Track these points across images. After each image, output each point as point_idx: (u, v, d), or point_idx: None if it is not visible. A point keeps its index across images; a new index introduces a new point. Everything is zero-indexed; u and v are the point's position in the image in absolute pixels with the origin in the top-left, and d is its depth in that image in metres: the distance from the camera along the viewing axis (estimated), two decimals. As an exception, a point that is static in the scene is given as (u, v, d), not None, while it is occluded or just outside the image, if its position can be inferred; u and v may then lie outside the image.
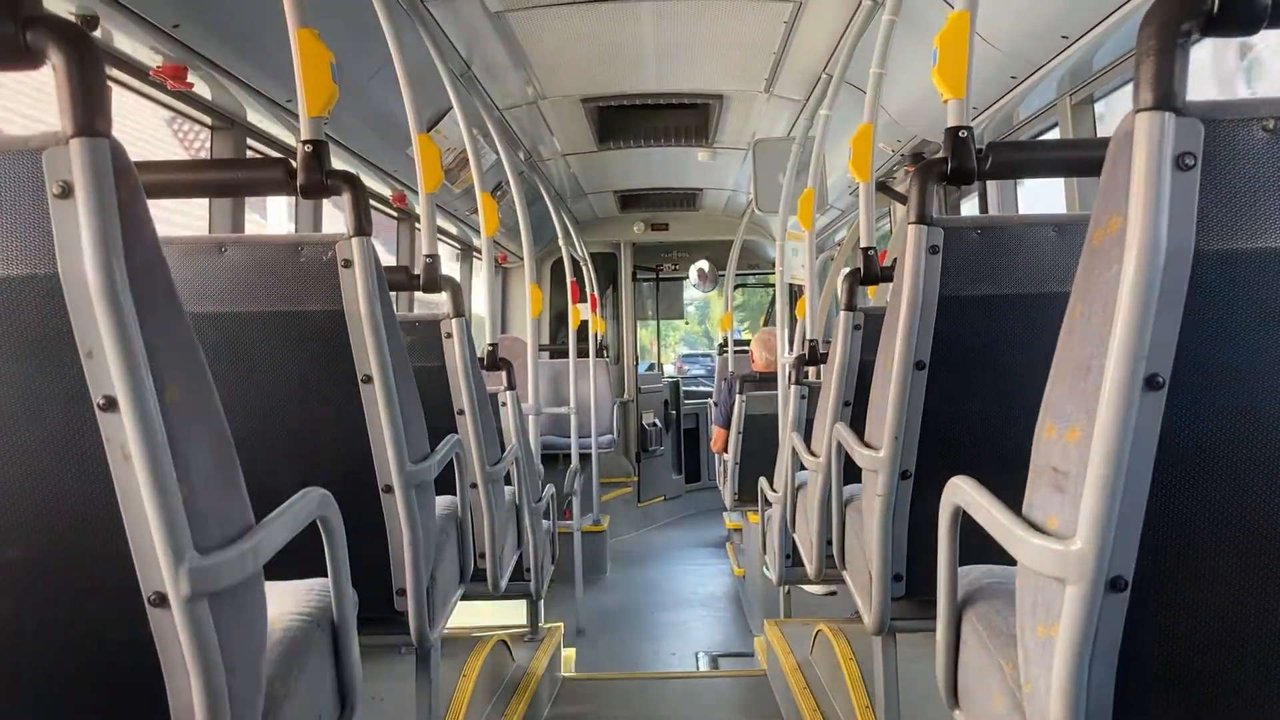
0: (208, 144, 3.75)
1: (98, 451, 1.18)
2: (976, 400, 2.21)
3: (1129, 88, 1.08)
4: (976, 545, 1.57)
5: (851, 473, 2.63)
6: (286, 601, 1.67)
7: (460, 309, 3.02)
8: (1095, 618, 1.19)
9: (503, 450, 3.49)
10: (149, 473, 1.15)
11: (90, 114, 1.11)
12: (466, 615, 4.48)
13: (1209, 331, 1.16)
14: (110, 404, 1.15)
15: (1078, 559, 1.18)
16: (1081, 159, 2.35)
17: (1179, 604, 1.25)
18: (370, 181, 5.10)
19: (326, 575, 1.70)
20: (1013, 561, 1.38)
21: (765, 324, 10.77)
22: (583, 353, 7.90)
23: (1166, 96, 1.10)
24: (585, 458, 7.57)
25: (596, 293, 8.66)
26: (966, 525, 1.56)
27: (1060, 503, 1.24)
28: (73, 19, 2.58)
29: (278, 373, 2.21)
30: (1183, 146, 1.11)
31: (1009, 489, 1.41)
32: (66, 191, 1.11)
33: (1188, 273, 1.12)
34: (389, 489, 2.23)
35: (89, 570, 1.28)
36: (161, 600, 1.21)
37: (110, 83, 3.05)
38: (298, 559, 1.58)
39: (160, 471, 1.16)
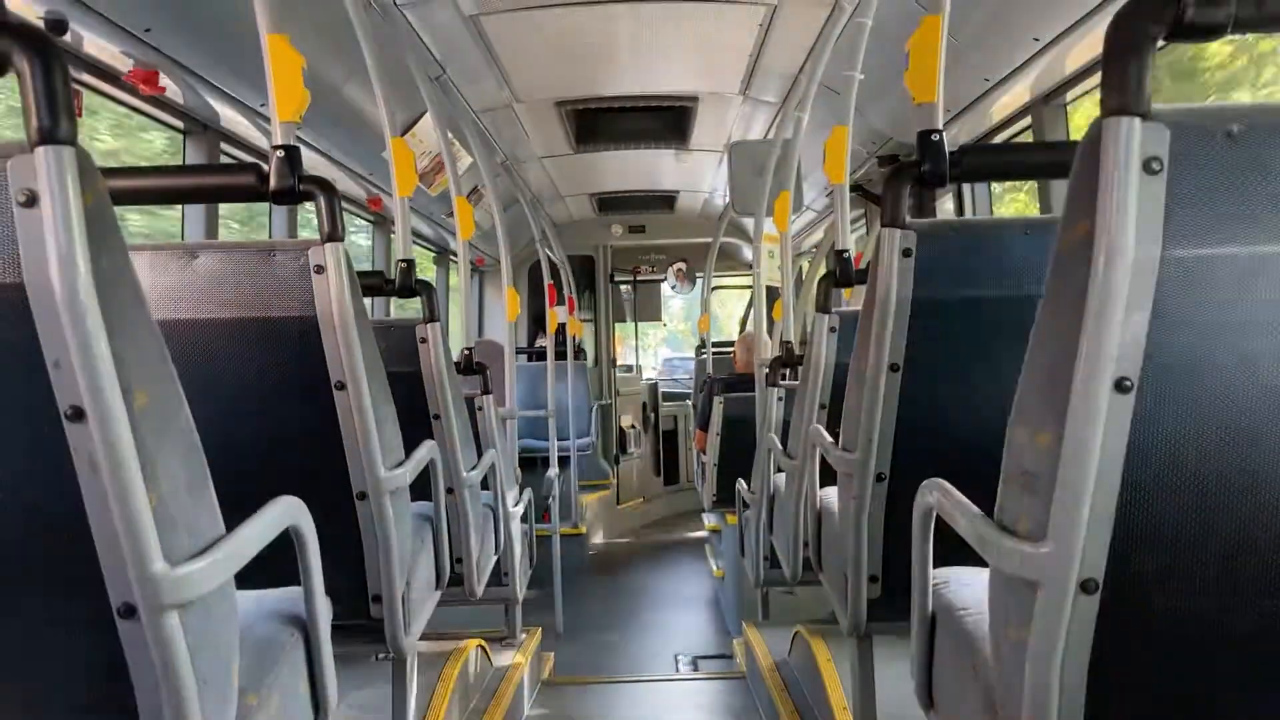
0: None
1: (65, 462, 1.16)
2: (951, 402, 2.22)
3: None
4: (952, 547, 1.57)
5: (828, 474, 2.64)
6: (259, 610, 1.66)
7: (435, 313, 3.01)
8: (1066, 620, 1.20)
9: (480, 455, 3.48)
10: (117, 483, 1.14)
11: (55, 121, 1.10)
12: (445, 621, 4.47)
13: (1176, 334, 1.16)
14: (77, 414, 1.14)
15: (1048, 561, 1.19)
16: (1053, 162, 2.37)
17: (1150, 605, 1.26)
18: (345, 185, 5.08)
19: (300, 583, 1.69)
20: (987, 564, 1.39)
21: (743, 328, 10.79)
22: (561, 355, 7.89)
23: (1133, 101, 1.10)
24: (564, 460, 7.56)
25: (574, 295, 8.65)
26: (942, 528, 1.56)
27: (1031, 505, 1.25)
28: (40, 22, 2.56)
29: (250, 380, 2.20)
30: (1149, 151, 1.11)
31: (983, 491, 1.42)
32: (31, 200, 1.10)
33: (1155, 276, 1.13)
34: (363, 495, 2.22)
35: (57, 581, 1.27)
36: (130, 612, 1.20)
37: (81, 87, 3.03)
38: (271, 567, 1.57)
39: (128, 482, 1.15)
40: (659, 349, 15.67)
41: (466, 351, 3.94)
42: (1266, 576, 1.24)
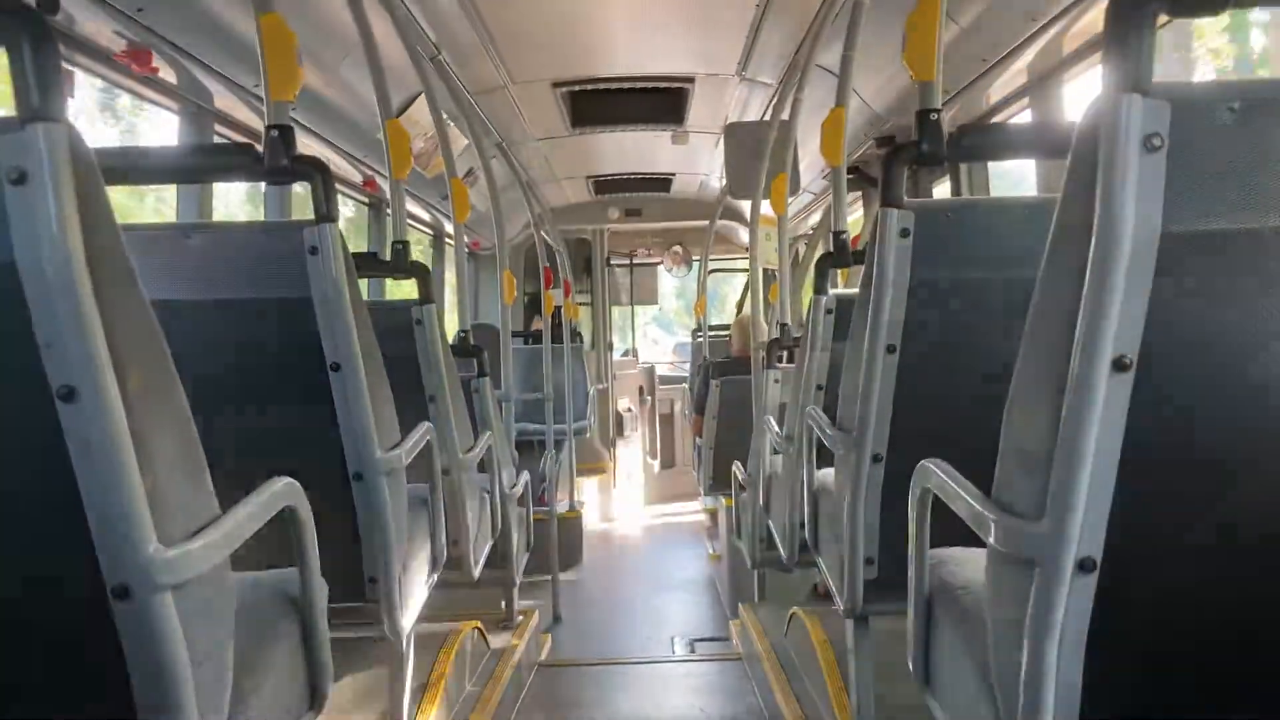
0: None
1: (59, 442, 1.16)
2: (948, 383, 2.21)
3: (1099, 70, 1.09)
4: (949, 528, 1.57)
5: (825, 456, 2.63)
6: (254, 592, 1.66)
7: (430, 295, 3.00)
8: (1064, 599, 1.20)
9: (476, 437, 3.48)
10: (110, 463, 1.14)
11: (45, 98, 1.09)
12: (442, 603, 4.47)
13: (1175, 312, 1.16)
14: (70, 394, 1.13)
15: (1045, 541, 1.19)
16: (1051, 141, 2.36)
17: (1147, 584, 1.25)
18: (341, 167, 5.06)
19: (295, 565, 1.68)
20: (984, 544, 1.38)
21: (740, 311, 10.78)
22: (557, 339, 7.88)
23: (1133, 78, 1.10)
24: (560, 443, 7.56)
25: (570, 278, 8.63)
26: (939, 508, 1.56)
27: (1028, 484, 1.25)
28: (31, 1, 2.54)
29: (244, 361, 2.19)
30: (1150, 128, 1.10)
31: (980, 471, 1.42)
32: (21, 178, 1.09)
33: (1154, 254, 1.12)
34: (359, 476, 2.21)
35: (52, 562, 1.27)
36: (125, 592, 1.19)
37: (74, 67, 3.00)
38: (267, 548, 1.57)
39: (122, 462, 1.14)
40: (647, 327, 15.42)
41: (463, 334, 3.93)
42: (1265, 554, 1.24)
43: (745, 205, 6.80)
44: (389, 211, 3.37)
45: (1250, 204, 1.16)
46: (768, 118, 5.70)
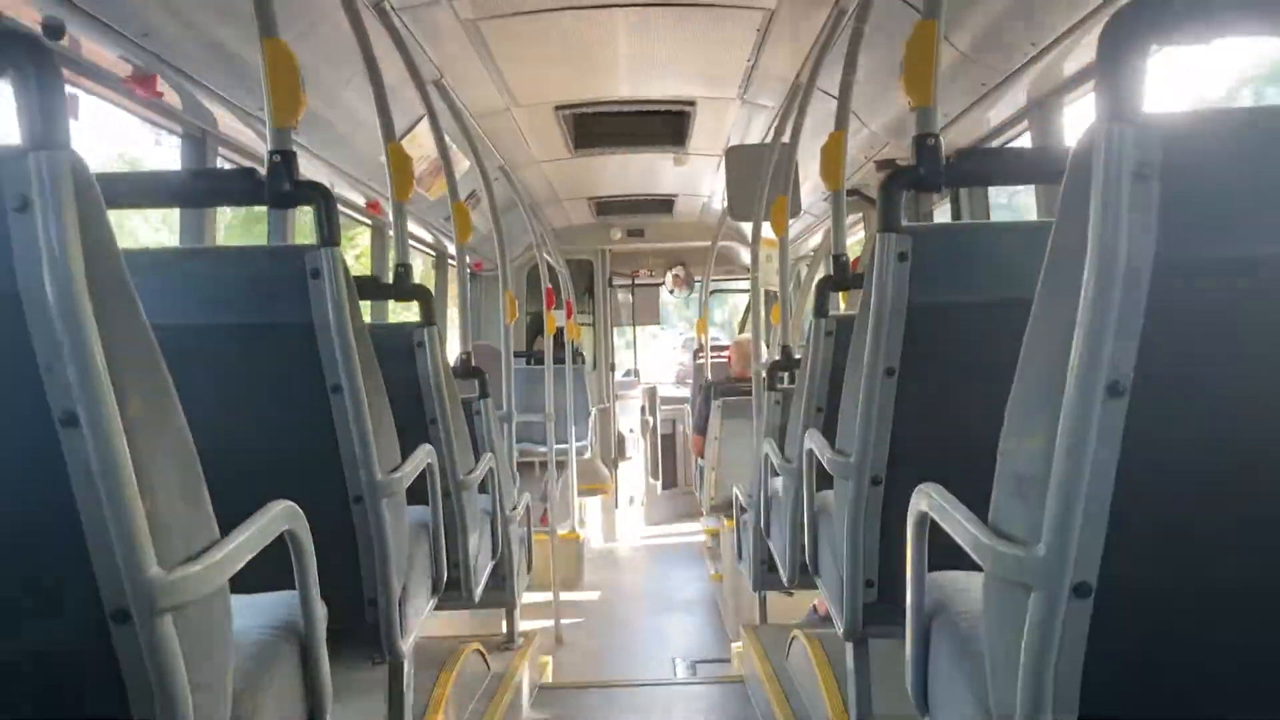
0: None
1: (59, 467, 1.16)
2: (947, 406, 2.22)
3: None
4: (948, 551, 1.57)
5: (825, 478, 2.64)
6: (254, 615, 1.66)
7: (431, 318, 3.01)
8: (1060, 624, 1.20)
9: (477, 458, 3.48)
10: (110, 488, 1.14)
11: (48, 126, 1.10)
12: (443, 625, 4.46)
13: (1169, 338, 1.16)
14: (71, 419, 1.14)
15: (1041, 566, 1.19)
16: (1049, 166, 2.37)
17: (1143, 610, 1.26)
18: (344, 190, 5.08)
19: (295, 587, 1.69)
20: (982, 568, 1.39)
21: (741, 330, 10.78)
22: (559, 359, 7.88)
23: (1125, 107, 1.11)
24: (562, 464, 7.56)
25: (573, 299, 8.65)
26: (938, 531, 1.56)
27: (1024, 509, 1.25)
28: (37, 26, 2.56)
29: (246, 384, 2.20)
30: (1142, 156, 1.11)
31: (978, 495, 1.42)
32: (24, 205, 1.10)
33: (1147, 281, 1.13)
34: (359, 499, 2.22)
35: (51, 586, 1.27)
36: (124, 616, 1.20)
37: (78, 90, 3.03)
38: (267, 571, 1.57)
39: (122, 487, 1.15)
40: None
41: (464, 355, 3.94)
42: (1260, 579, 1.24)
43: (747, 226, 6.82)
44: (391, 233, 3.38)
45: (1243, 231, 1.17)
46: (769, 140, 5.73)
